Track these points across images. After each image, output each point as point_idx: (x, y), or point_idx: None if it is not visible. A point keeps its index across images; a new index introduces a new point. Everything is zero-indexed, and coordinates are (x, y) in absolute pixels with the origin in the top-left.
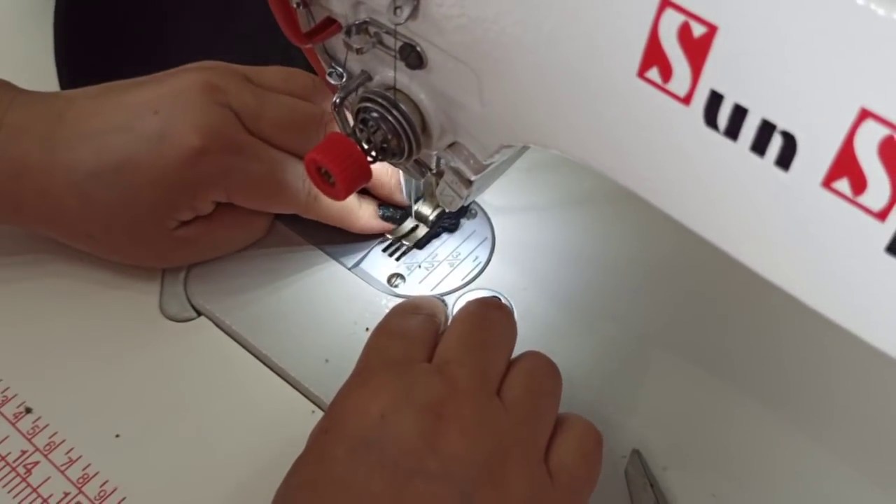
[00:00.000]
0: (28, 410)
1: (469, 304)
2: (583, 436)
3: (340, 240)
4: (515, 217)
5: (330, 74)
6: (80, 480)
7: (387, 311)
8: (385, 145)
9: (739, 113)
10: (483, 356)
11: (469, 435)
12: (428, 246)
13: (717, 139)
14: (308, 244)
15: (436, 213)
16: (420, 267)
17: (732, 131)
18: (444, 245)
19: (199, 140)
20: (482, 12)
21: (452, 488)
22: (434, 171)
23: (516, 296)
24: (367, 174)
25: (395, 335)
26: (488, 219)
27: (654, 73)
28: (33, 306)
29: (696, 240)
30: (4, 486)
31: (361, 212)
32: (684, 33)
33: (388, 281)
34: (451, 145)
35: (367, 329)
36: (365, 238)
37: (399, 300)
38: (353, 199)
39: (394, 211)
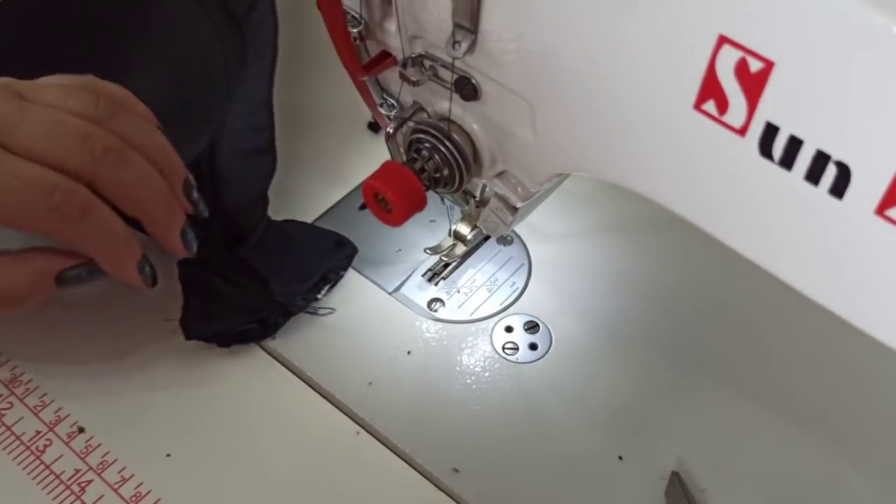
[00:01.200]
0: (81, 430)
1: None
2: None
3: (381, 264)
4: (551, 244)
5: (381, 105)
6: (133, 498)
7: (427, 335)
8: (437, 175)
9: (795, 144)
10: None
11: None
12: (466, 272)
13: (772, 169)
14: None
15: (473, 232)
16: (459, 292)
17: (787, 161)
18: (482, 271)
19: None
20: (540, 47)
21: None
22: (477, 199)
23: (554, 321)
24: (423, 201)
25: None
26: (524, 245)
27: (710, 106)
28: (87, 328)
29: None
30: None
31: (130, 246)
32: (741, 68)
33: (428, 305)
34: (499, 174)
35: (409, 352)
36: (406, 263)
37: (439, 325)
38: (124, 229)
39: (152, 267)
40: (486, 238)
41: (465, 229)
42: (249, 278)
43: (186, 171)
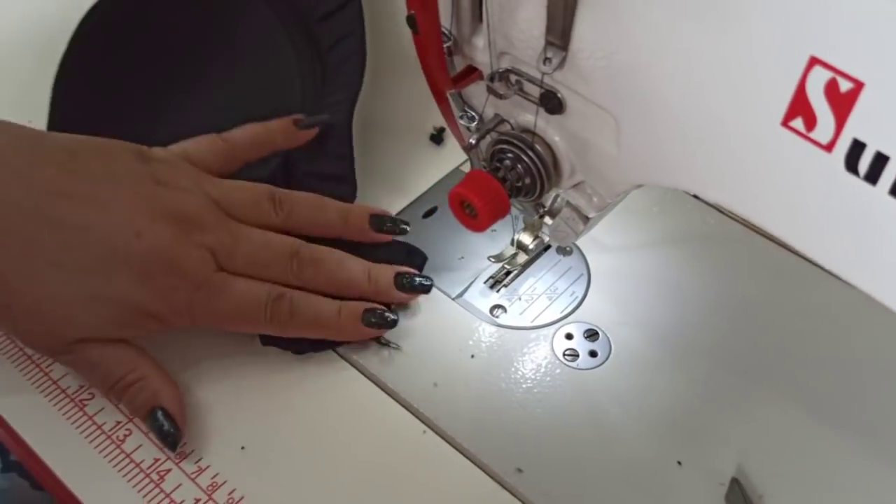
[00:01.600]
0: None
1: None
2: None
3: (444, 270)
4: (610, 255)
5: (461, 117)
6: (210, 488)
7: (490, 340)
8: (519, 184)
9: (881, 160)
10: None
11: None
12: (526, 280)
13: (857, 183)
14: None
15: (535, 242)
16: (520, 299)
17: (872, 176)
18: (542, 280)
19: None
20: (630, 64)
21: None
22: (546, 209)
23: (613, 330)
24: (507, 208)
25: None
26: (584, 256)
27: (798, 123)
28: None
29: (788, 278)
30: (140, 492)
31: (342, 320)
32: (831, 88)
33: (491, 311)
34: (576, 184)
35: (472, 356)
36: (469, 270)
37: (501, 330)
38: (331, 307)
39: (380, 315)
40: (547, 248)
41: (527, 239)
42: None
43: (363, 207)
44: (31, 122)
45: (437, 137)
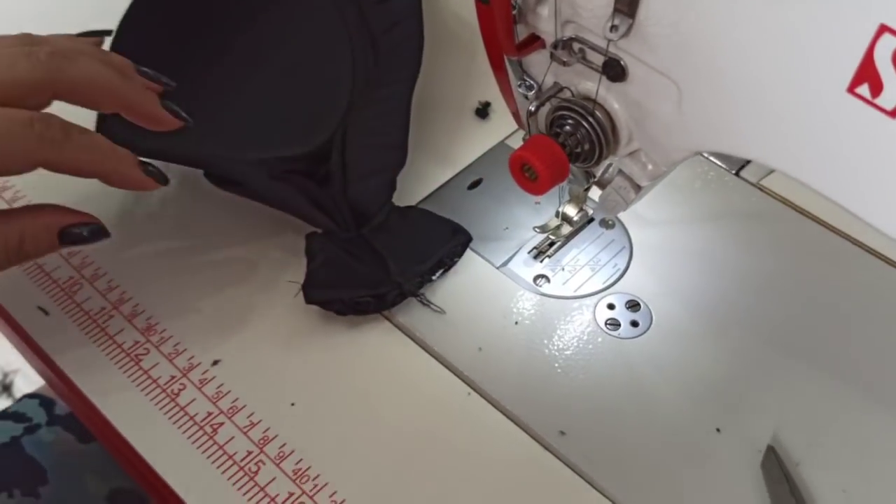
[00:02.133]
0: (212, 378)
1: None
2: None
3: (490, 240)
4: (652, 229)
5: (520, 86)
6: (261, 442)
7: (533, 308)
8: (578, 150)
9: None
10: None
11: None
12: (570, 251)
13: None
14: None
15: (579, 214)
16: (563, 270)
17: None
18: (585, 251)
19: None
20: (696, 32)
21: None
22: (596, 179)
23: (653, 301)
24: (566, 172)
25: None
26: (626, 230)
27: (864, 89)
28: (217, 285)
29: (828, 254)
30: (194, 443)
31: (128, 166)
32: None
33: (534, 281)
34: (631, 153)
35: (516, 323)
36: (513, 240)
37: (544, 299)
38: (111, 147)
39: (156, 168)
40: (590, 220)
41: (571, 211)
42: (371, 256)
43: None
44: None
45: (483, 112)
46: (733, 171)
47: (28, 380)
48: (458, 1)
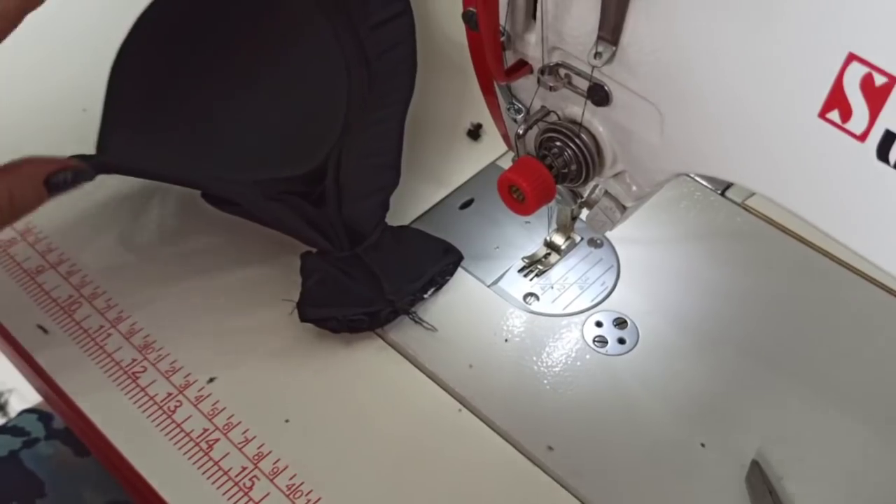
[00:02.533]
0: (207, 395)
1: None
2: None
3: (481, 259)
4: (639, 248)
5: (509, 109)
6: (256, 457)
7: (523, 325)
8: (565, 170)
9: None
10: None
11: None
12: (558, 270)
13: (888, 171)
14: None
15: (566, 243)
16: (552, 288)
17: None
18: (574, 270)
19: None
20: (676, 59)
21: None
22: (583, 200)
23: (640, 318)
24: (553, 193)
25: None
26: (613, 248)
27: (834, 115)
28: (213, 303)
29: (811, 272)
30: (189, 459)
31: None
32: (867, 83)
33: (524, 298)
34: (616, 174)
35: (506, 340)
36: (503, 259)
37: (534, 317)
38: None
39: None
40: (576, 244)
41: (559, 240)
42: (365, 275)
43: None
44: (87, 109)
45: (474, 133)
46: (718, 191)
47: (23, 399)
48: (450, 24)
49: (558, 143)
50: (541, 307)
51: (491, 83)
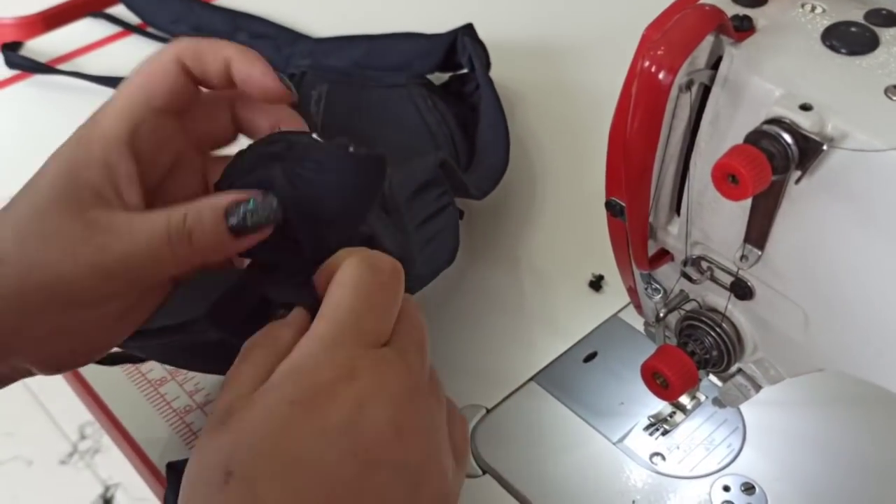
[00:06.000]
0: None
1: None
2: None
3: (605, 415)
4: (765, 409)
5: (646, 289)
6: None
7: (650, 487)
8: (707, 357)
9: None
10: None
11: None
12: (684, 429)
13: None
14: (576, 416)
15: (692, 402)
16: (678, 448)
17: None
18: (700, 430)
19: None
20: (822, 267)
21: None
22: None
23: (769, 485)
24: (696, 380)
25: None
26: (738, 409)
27: None
28: None
29: None
30: None
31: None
32: None
33: (650, 458)
34: (756, 360)
35: (633, 502)
36: (628, 415)
37: (661, 478)
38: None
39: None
40: (700, 403)
41: (685, 399)
42: None
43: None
44: None
45: (596, 284)
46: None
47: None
48: (574, 174)
49: (699, 331)
50: (667, 468)
51: (629, 263)
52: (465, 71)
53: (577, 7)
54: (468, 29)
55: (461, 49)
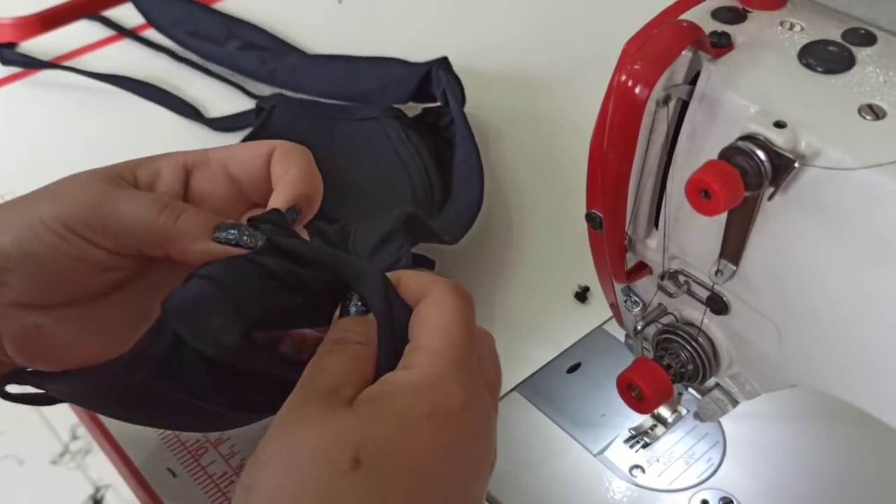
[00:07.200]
0: None
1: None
2: None
3: (587, 426)
4: (745, 423)
5: (625, 301)
6: None
7: (629, 498)
8: (682, 370)
9: None
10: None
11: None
12: (664, 442)
13: None
14: (557, 426)
15: (674, 416)
16: (658, 461)
17: None
18: (680, 443)
19: None
20: (793, 282)
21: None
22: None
23: (748, 499)
24: (671, 393)
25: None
26: (719, 423)
27: None
28: None
29: None
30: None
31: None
32: None
33: (630, 470)
34: (732, 374)
35: None
36: (610, 427)
37: (640, 490)
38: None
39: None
40: (681, 417)
41: (666, 412)
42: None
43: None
44: None
45: (582, 296)
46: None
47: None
48: (561, 188)
49: (675, 345)
50: (647, 481)
51: (610, 276)
52: (438, 105)
53: (555, 36)
54: (443, 62)
55: (436, 81)
